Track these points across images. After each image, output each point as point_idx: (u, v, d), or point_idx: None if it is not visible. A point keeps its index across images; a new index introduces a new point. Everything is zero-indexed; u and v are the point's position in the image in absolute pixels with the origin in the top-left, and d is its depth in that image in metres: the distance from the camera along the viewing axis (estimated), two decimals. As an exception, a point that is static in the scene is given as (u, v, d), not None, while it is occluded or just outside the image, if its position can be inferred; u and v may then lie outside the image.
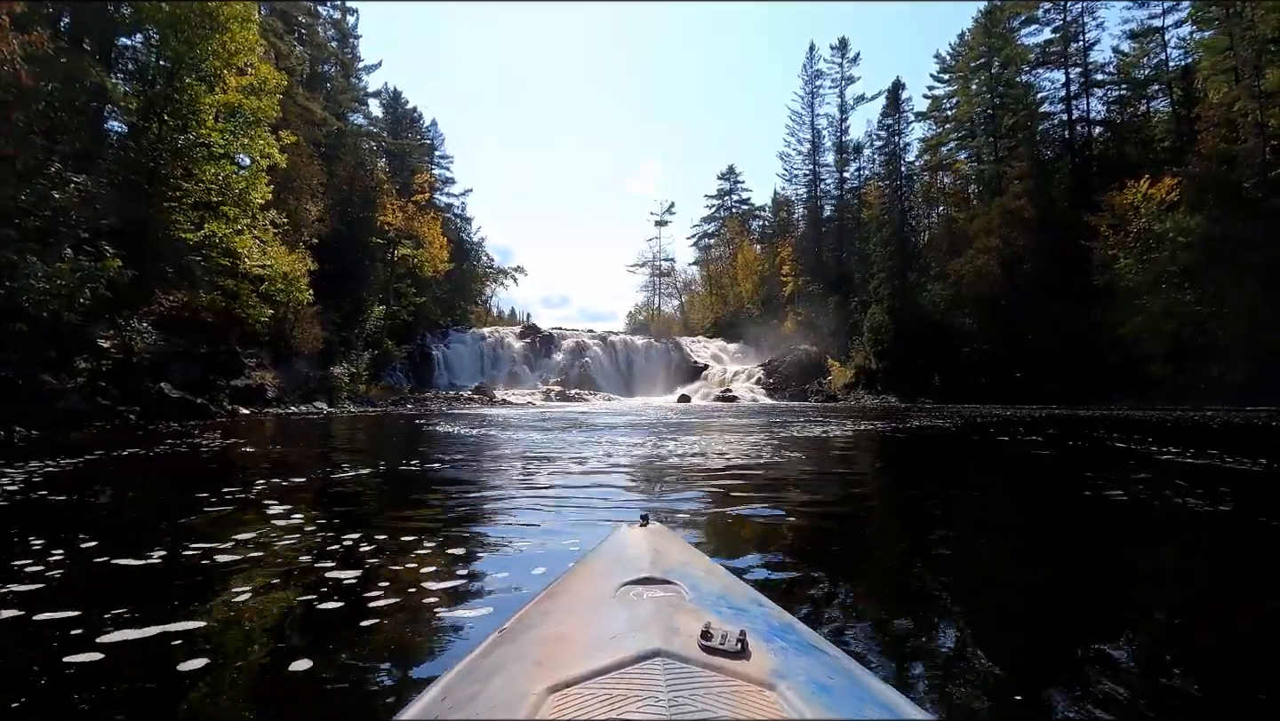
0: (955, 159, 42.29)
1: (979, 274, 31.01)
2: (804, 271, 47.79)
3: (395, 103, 45.23)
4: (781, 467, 5.51)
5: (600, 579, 1.01)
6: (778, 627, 0.85)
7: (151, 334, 12.34)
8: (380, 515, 3.65)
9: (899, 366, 32.50)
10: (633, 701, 0.60)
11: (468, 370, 37.34)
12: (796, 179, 52.08)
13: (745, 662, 0.68)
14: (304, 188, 21.71)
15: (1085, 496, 4.16)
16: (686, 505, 3.83)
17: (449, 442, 7.68)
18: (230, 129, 14.28)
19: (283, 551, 2.67)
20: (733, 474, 5.13)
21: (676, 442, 7.47)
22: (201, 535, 2.94)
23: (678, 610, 0.82)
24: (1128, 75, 35.01)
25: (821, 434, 9.33)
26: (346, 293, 26.79)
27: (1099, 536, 3.22)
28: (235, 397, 15.03)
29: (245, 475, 5.11)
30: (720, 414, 18.65)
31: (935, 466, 6.38)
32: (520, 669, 0.72)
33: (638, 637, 0.72)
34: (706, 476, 4.99)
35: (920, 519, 3.79)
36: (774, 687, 0.64)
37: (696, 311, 61.91)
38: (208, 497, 3.93)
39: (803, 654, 0.76)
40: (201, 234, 13.60)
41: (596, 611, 0.87)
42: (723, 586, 1.00)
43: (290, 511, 3.50)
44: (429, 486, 4.69)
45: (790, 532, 3.14)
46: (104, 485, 4.70)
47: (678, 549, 1.19)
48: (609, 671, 0.66)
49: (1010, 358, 30.06)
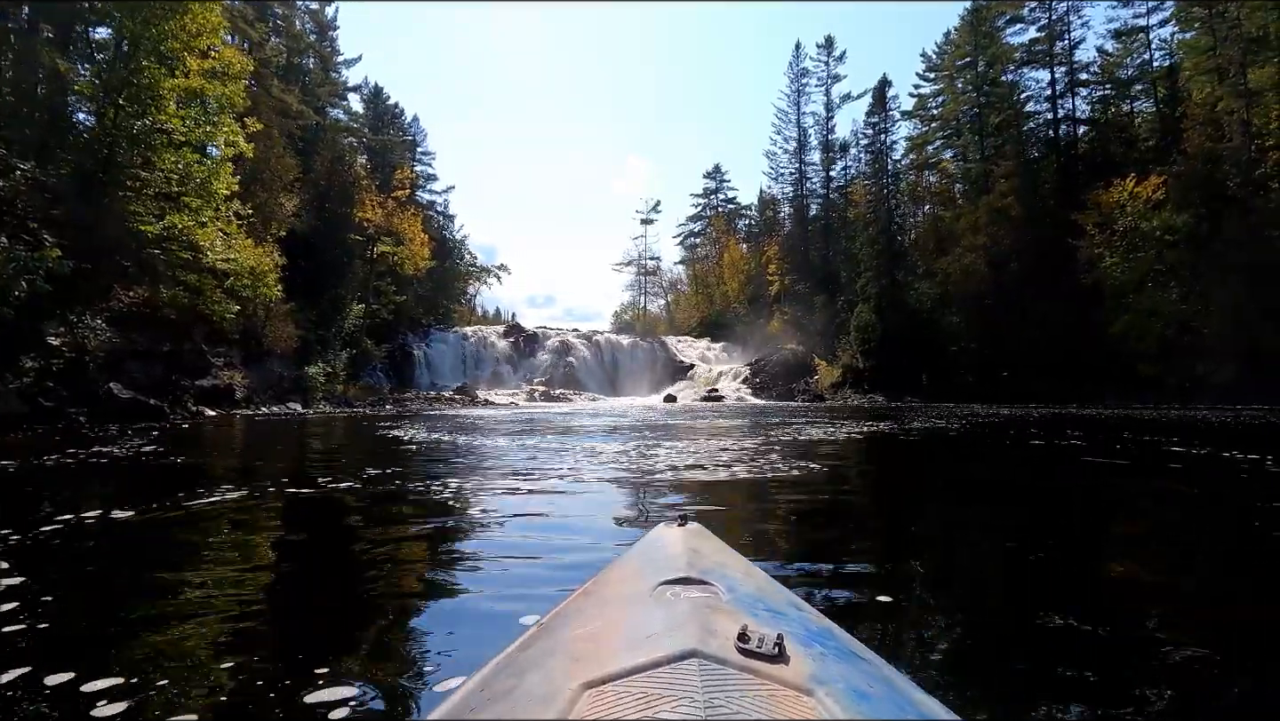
0: (941, 158, 42.24)
1: (966, 272, 30.87)
2: (790, 270, 47.58)
3: (376, 98, 44.33)
4: (798, 483, 4.67)
5: (637, 577, 1.00)
6: (816, 632, 0.83)
7: (105, 331, 11.55)
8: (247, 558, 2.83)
9: (886, 365, 32.33)
10: (668, 701, 0.59)
11: (450, 370, 36.75)
12: (783, 177, 51.94)
13: (783, 666, 0.66)
14: (275, 180, 20.90)
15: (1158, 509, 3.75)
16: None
17: (404, 454, 7.07)
18: (192, 115, 13.40)
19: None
20: (745, 491, 4.38)
21: (666, 450, 6.85)
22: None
23: (715, 611, 0.80)
24: (1112, 74, 35.10)
25: (825, 436, 8.78)
26: (324, 290, 25.99)
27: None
28: (201, 398, 14.31)
29: (144, 490, 4.52)
30: (708, 414, 18.20)
31: (968, 474, 5.88)
32: (556, 664, 0.72)
33: (674, 637, 0.71)
34: (713, 494, 4.33)
35: (965, 532, 3.41)
36: (812, 693, 0.62)
37: (682, 311, 61.53)
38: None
39: (842, 660, 0.74)
40: (161, 225, 12.70)
41: (633, 610, 0.86)
42: (760, 588, 0.98)
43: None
44: (342, 511, 3.88)
45: (827, 549, 2.74)
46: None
47: (716, 549, 1.17)
48: (644, 670, 0.65)
49: (997, 356, 29.96)
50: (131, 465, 5.78)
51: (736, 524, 3.32)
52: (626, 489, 4.51)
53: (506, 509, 3.72)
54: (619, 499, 4.19)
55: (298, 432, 10.38)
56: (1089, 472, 5.38)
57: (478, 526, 3.32)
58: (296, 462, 6.38)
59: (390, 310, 34.55)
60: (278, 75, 26.58)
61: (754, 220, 61.20)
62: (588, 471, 5.27)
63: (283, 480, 4.77)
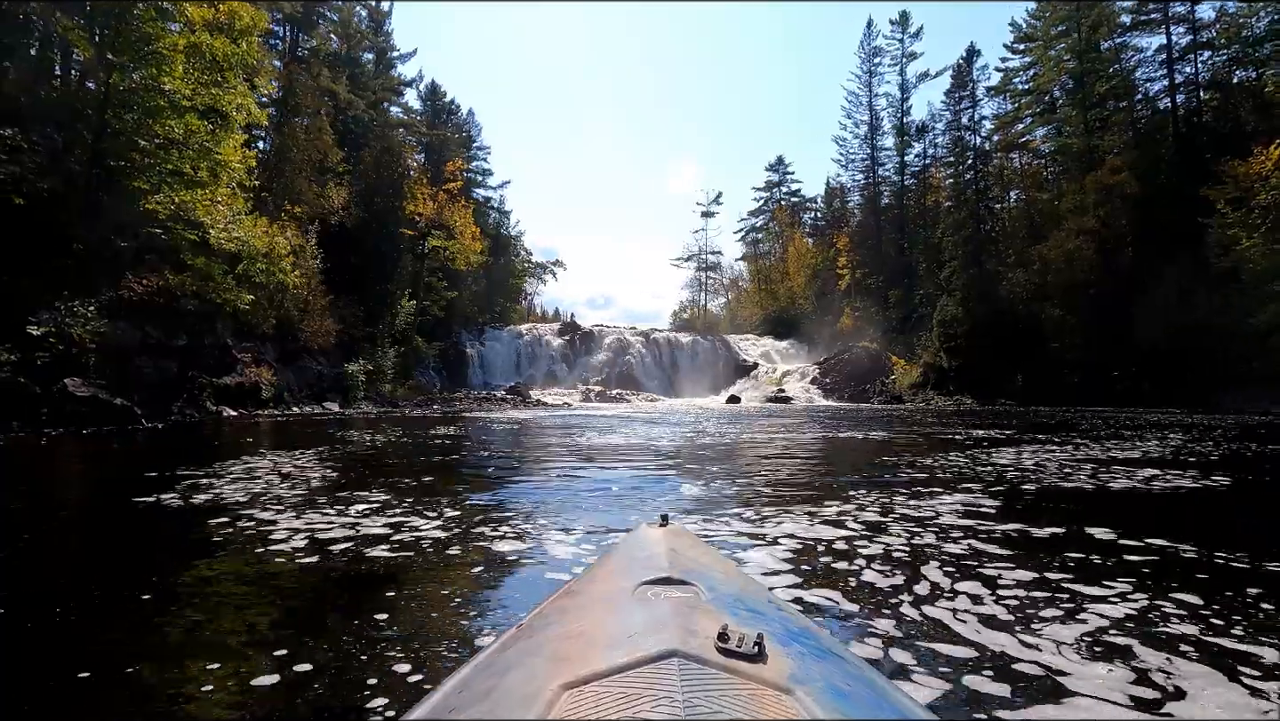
0: (1031, 137, 38.33)
1: (1069, 258, 27.37)
2: (862, 263, 44.73)
3: (433, 95, 44.04)
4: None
5: (619, 577, 0.99)
6: (796, 632, 0.83)
7: (92, 319, 10.29)
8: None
9: (974, 364, 29.28)
10: (647, 701, 0.58)
11: (504, 369, 35.80)
12: (853, 164, 48.82)
13: (762, 666, 0.66)
14: (305, 160, 19.75)
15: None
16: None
17: (388, 466, 5.32)
18: (195, 73, 11.92)
19: None
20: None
21: (766, 480, 4.77)
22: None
23: (695, 611, 0.80)
24: (1236, 35, 30.73)
25: (1004, 463, 5.83)
26: (371, 285, 25.04)
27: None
28: (221, 397, 13.14)
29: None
30: (783, 417, 15.96)
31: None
32: (536, 665, 0.71)
33: (654, 637, 0.70)
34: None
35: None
36: (791, 692, 0.62)
37: (744, 308, 59.01)
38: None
39: (821, 659, 0.74)
40: (160, 199, 11.41)
41: (614, 610, 0.86)
42: (741, 588, 0.98)
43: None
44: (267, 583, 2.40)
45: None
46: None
47: (697, 549, 1.16)
48: (624, 670, 0.64)
49: (1106, 353, 26.46)
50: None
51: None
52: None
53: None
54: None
55: (269, 437, 8.87)
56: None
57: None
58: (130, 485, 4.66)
59: (442, 307, 33.64)
60: (327, 64, 25.85)
61: (820, 212, 58.22)
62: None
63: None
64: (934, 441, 8.56)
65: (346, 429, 10.41)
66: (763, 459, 6.47)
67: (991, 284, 30.39)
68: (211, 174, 11.98)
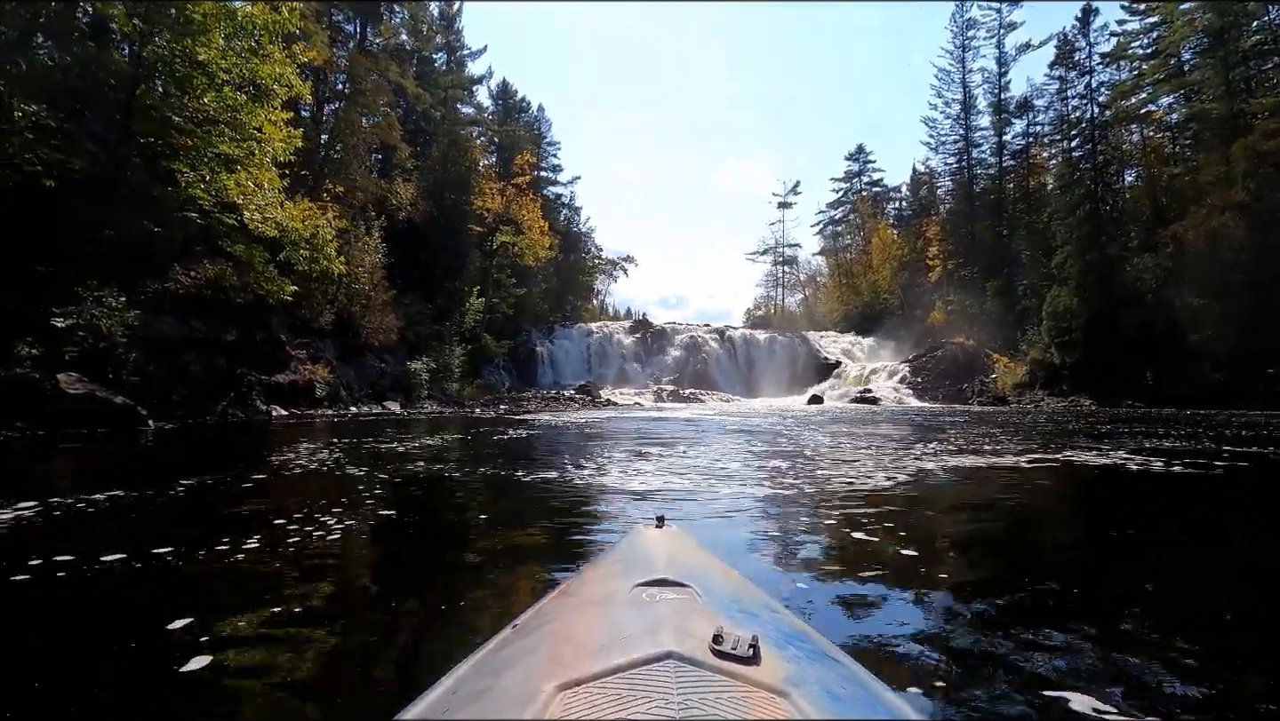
0: (1155, 106, 34.04)
1: (1213, 238, 23.70)
2: (955, 253, 41.30)
3: (504, 93, 43.96)
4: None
5: (615, 578, 0.98)
6: (790, 634, 0.83)
7: (121, 312, 9.58)
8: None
9: (1093, 360, 26.00)
10: (642, 702, 0.59)
11: (574, 368, 35.05)
12: (944, 146, 45.13)
13: (756, 668, 0.66)
14: (359, 143, 19.14)
15: None
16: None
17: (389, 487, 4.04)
18: (229, 35, 10.93)
19: None
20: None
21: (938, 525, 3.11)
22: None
23: (691, 613, 0.80)
24: None
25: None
26: (439, 282, 24.56)
27: None
28: (272, 395, 12.57)
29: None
30: (881, 424, 14.01)
31: None
32: (531, 665, 0.71)
33: (650, 639, 0.71)
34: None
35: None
36: (785, 695, 0.62)
37: (823, 304, 56.08)
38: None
39: (815, 662, 0.74)
40: (201, 185, 10.85)
41: (610, 611, 0.85)
42: (736, 590, 0.97)
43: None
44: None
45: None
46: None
47: (693, 551, 1.15)
48: (620, 671, 0.65)
49: (1257, 347, 22.72)
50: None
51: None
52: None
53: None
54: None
55: (266, 444, 7.82)
56: None
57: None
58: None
59: (511, 305, 33.12)
60: (395, 59, 25.59)
61: (905, 202, 54.54)
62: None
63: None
64: (1153, 482, 6.37)
65: (404, 432, 9.39)
66: (934, 515, 3.83)
67: (1113, 270, 26.88)
68: (250, 153, 11.25)
